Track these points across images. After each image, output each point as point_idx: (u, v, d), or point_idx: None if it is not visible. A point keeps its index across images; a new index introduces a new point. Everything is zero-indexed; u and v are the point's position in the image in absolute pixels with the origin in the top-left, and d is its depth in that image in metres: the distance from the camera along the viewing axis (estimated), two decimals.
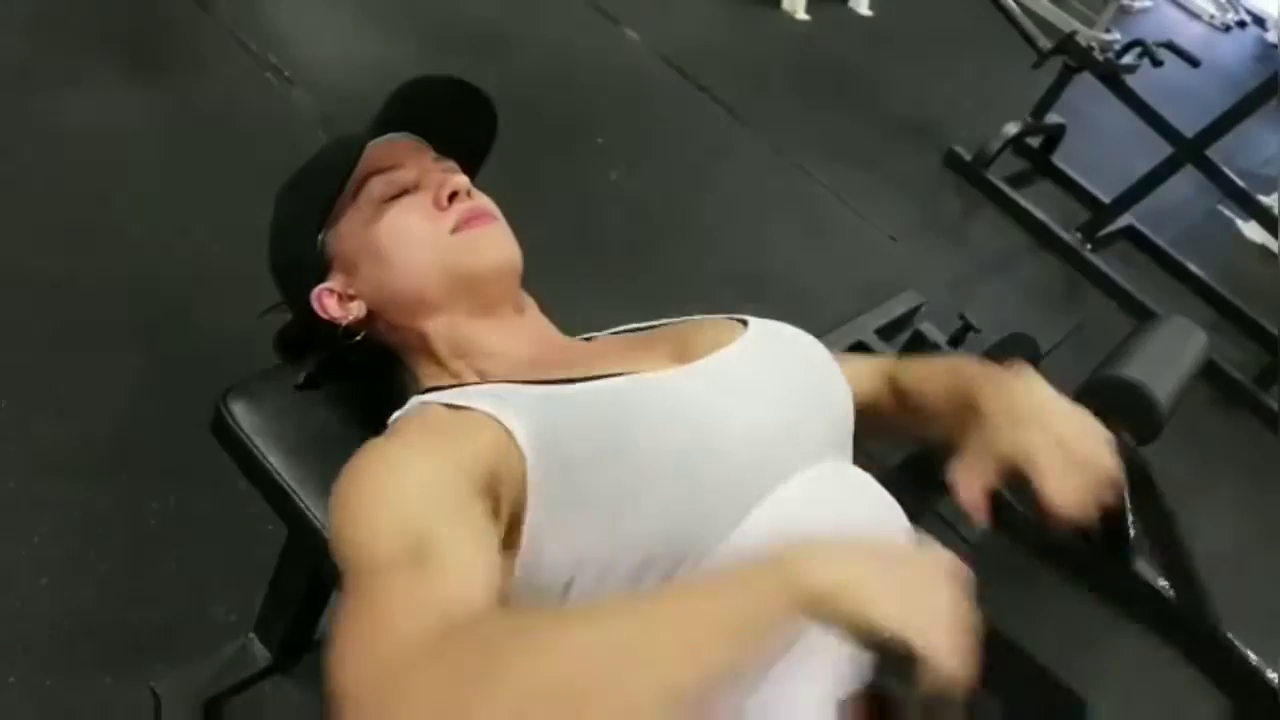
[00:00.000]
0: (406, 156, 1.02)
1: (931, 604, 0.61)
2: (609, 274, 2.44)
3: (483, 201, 1.02)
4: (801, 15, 4.35)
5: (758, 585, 0.61)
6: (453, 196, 0.98)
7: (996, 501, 0.84)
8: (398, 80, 1.01)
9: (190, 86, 2.50)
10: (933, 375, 1.03)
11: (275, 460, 1.00)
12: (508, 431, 0.81)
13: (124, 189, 2.09)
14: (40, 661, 1.36)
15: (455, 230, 0.97)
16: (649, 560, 0.79)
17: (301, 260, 1.01)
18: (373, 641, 0.63)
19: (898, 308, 2.64)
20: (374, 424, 1.05)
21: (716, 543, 0.80)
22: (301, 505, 0.99)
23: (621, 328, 1.10)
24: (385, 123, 1.02)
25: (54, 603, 1.42)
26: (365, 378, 1.09)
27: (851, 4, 4.72)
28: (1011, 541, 0.87)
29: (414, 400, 0.93)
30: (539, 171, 2.51)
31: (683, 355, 0.94)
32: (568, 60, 3.32)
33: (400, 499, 0.75)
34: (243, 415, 1.03)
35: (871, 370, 1.10)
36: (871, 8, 4.73)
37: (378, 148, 1.00)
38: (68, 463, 1.58)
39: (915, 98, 4.17)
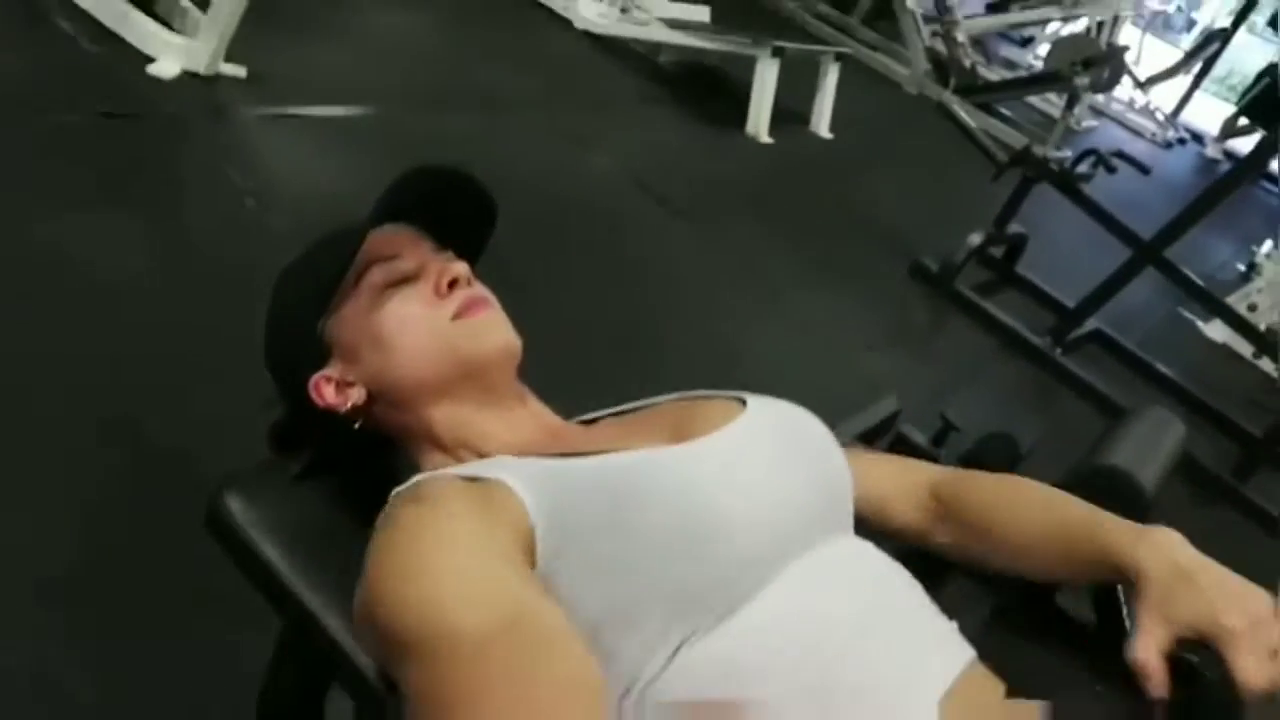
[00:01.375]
0: (406, 246, 1.02)
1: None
2: (588, 391, 2.43)
3: (482, 290, 1.03)
4: (765, 138, 4.49)
5: None
6: (453, 284, 0.99)
7: (1175, 669, 0.82)
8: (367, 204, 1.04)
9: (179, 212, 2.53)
10: (1021, 503, 1.01)
11: (273, 553, 0.97)
12: (517, 497, 0.81)
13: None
14: None
15: (456, 317, 0.98)
16: (662, 630, 0.78)
17: (300, 347, 1.00)
18: None
19: (878, 413, 2.64)
20: (372, 513, 1.03)
21: (733, 611, 0.80)
22: (301, 598, 0.95)
23: (620, 407, 1.10)
24: (384, 212, 1.03)
25: None
26: (362, 468, 1.07)
27: (812, 127, 4.87)
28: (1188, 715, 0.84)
29: (418, 477, 0.91)
30: (520, 277, 2.52)
31: (683, 434, 0.94)
32: (543, 187, 3.38)
33: (471, 567, 0.75)
34: (239, 509, 1.00)
35: (913, 477, 1.09)
36: (831, 130, 4.89)
37: (378, 237, 1.00)
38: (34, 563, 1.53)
39: (878, 214, 4.28)
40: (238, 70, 3.13)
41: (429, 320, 0.97)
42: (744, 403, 1.00)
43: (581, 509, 0.81)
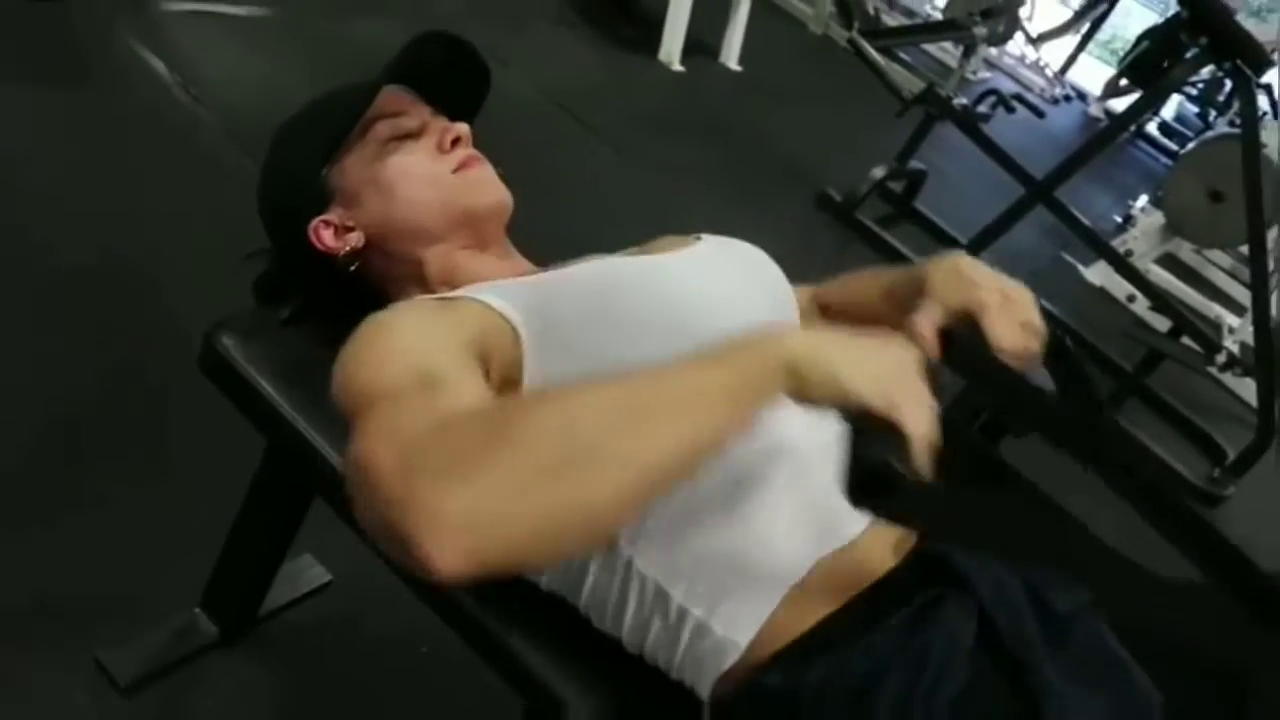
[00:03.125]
0: (409, 106, 1.10)
1: (895, 371, 0.73)
2: None
3: (477, 151, 1.10)
4: (677, 66, 4.53)
5: (745, 357, 0.71)
6: (455, 142, 1.07)
7: (946, 339, 0.93)
8: (289, 101, 1.12)
9: (107, 100, 2.48)
10: (861, 285, 1.15)
11: (268, 385, 1.02)
12: (497, 311, 0.90)
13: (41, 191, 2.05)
14: None
15: (457, 170, 1.06)
16: None
17: (301, 193, 1.06)
18: (390, 439, 0.66)
19: None
20: None
21: None
22: (295, 423, 1.00)
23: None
24: (393, 73, 1.10)
25: None
26: (346, 317, 1.12)
27: (722, 59, 4.93)
28: (962, 375, 0.96)
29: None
30: None
31: (648, 254, 1.07)
32: None
33: (403, 346, 0.82)
34: (233, 346, 1.04)
35: (802, 298, 1.20)
36: (741, 63, 4.96)
37: (387, 94, 1.08)
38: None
39: (786, 145, 4.38)
40: None
41: (432, 172, 1.05)
42: (700, 238, 1.11)
43: (566, 305, 0.90)
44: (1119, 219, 5.73)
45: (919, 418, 0.72)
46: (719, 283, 1.00)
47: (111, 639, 1.33)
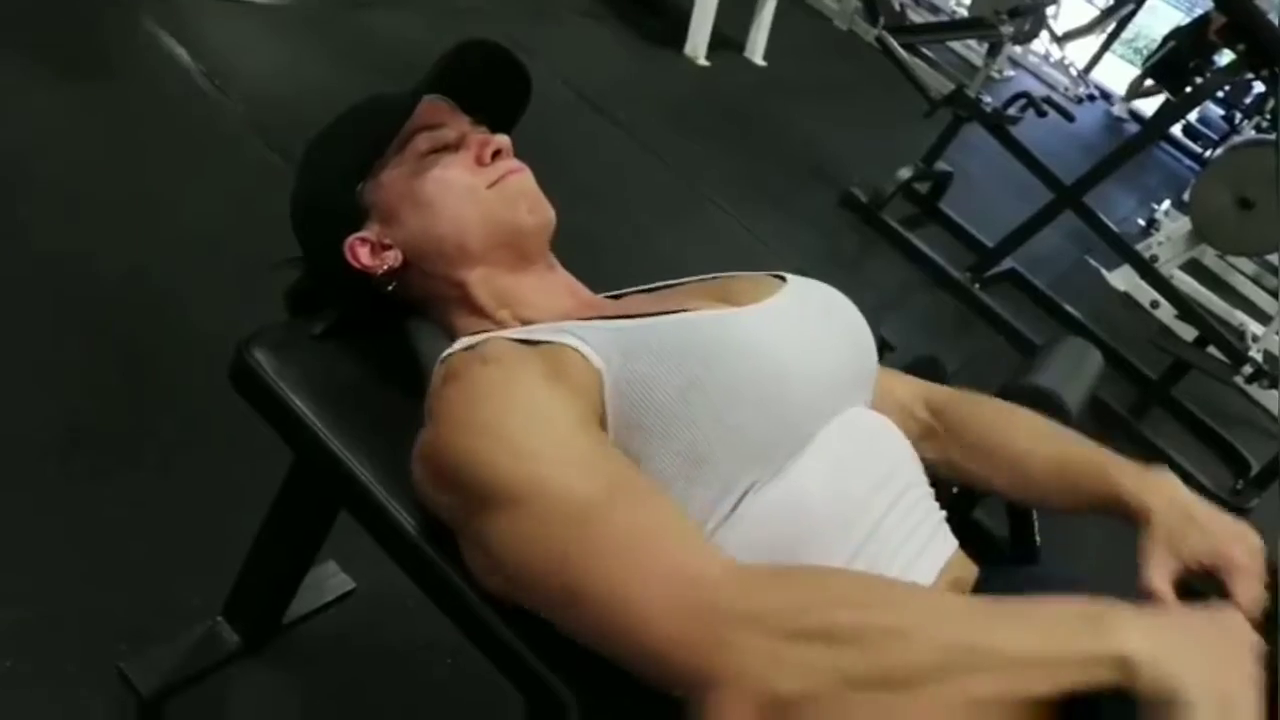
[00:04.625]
0: (448, 117, 1.05)
1: (1238, 683, 0.66)
2: None
3: (519, 163, 1.06)
4: (703, 61, 4.50)
5: (1078, 634, 0.66)
6: (495, 155, 1.02)
7: (1183, 595, 0.89)
8: (312, 91, 1.05)
9: (129, 89, 2.46)
10: (1009, 425, 1.08)
11: (300, 401, 0.99)
12: (584, 358, 0.86)
13: (56, 187, 2.03)
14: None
15: (496, 184, 1.01)
16: (729, 482, 0.84)
17: (336, 208, 1.02)
18: (658, 570, 0.70)
19: None
20: (397, 374, 1.06)
21: (795, 455, 0.87)
22: (326, 442, 0.97)
23: (646, 285, 1.14)
24: (432, 83, 1.05)
25: (13, 585, 1.35)
26: (381, 333, 1.10)
27: (748, 54, 4.89)
28: None
29: (465, 340, 0.95)
30: None
31: (731, 302, 0.99)
32: None
33: (558, 430, 0.80)
34: (266, 360, 1.02)
35: (905, 390, 1.15)
36: (766, 58, 4.92)
37: (427, 105, 1.03)
38: (23, 441, 1.51)
39: (811, 142, 4.34)
40: None
41: (472, 187, 1.01)
42: (783, 279, 1.06)
43: (654, 366, 0.85)
44: (1142, 222, 5.69)
45: None
46: (808, 343, 0.94)
47: (133, 649, 1.31)
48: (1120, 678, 0.64)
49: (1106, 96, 9.26)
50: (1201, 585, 0.92)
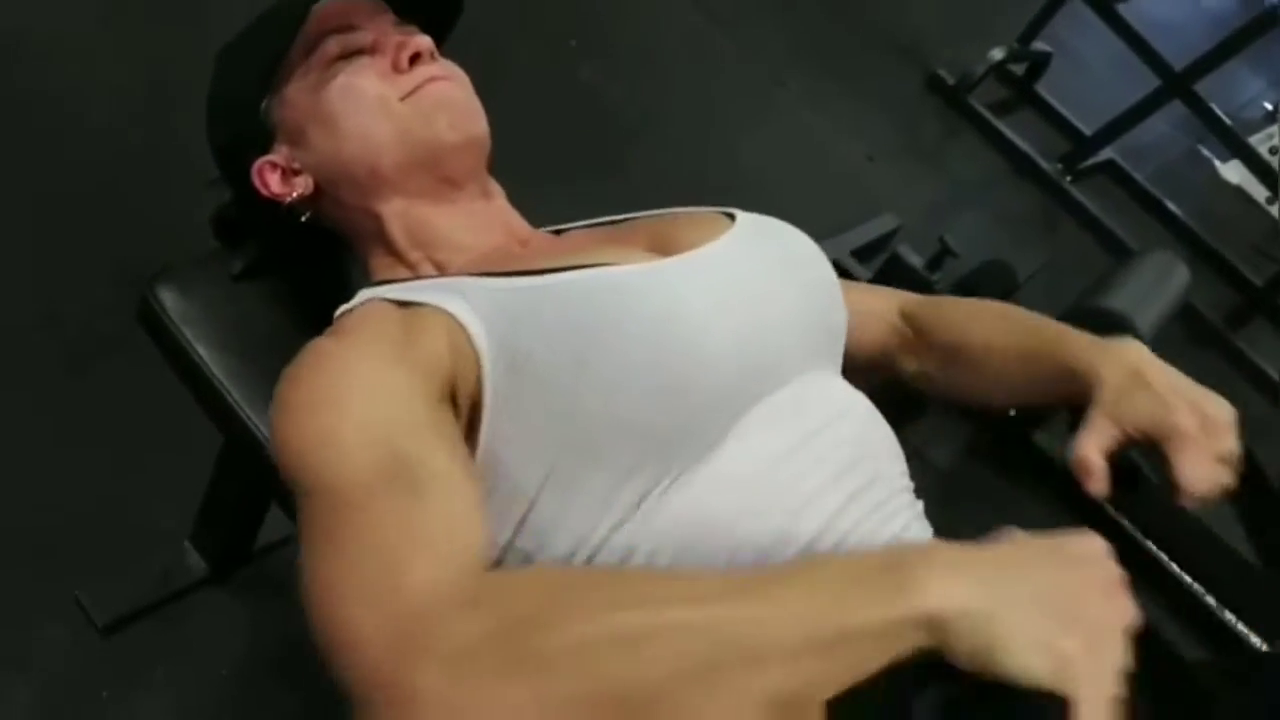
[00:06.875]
0: (364, 17, 0.90)
1: (1086, 631, 0.52)
2: (572, 175, 2.31)
3: (448, 67, 0.91)
4: None
5: (873, 603, 0.52)
6: (414, 59, 0.87)
7: (1119, 473, 0.77)
8: None
9: None
10: (980, 322, 0.96)
11: (206, 354, 0.91)
12: (463, 327, 0.72)
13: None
14: None
15: (411, 94, 0.87)
16: (626, 474, 0.71)
17: (242, 129, 0.90)
18: (380, 584, 0.56)
19: (875, 230, 2.56)
20: (318, 320, 0.96)
21: (704, 454, 0.72)
22: (234, 404, 0.89)
23: (594, 220, 1.00)
24: None
25: None
26: (310, 268, 1.00)
27: None
28: (1127, 516, 0.80)
29: (362, 294, 0.83)
30: (506, 64, 2.37)
31: (663, 249, 0.84)
32: None
33: (364, 411, 0.67)
34: (172, 304, 0.93)
35: (881, 302, 1.02)
36: None
37: (332, 5, 0.88)
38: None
39: (900, 22, 4.02)
40: None
41: (385, 98, 0.86)
42: (732, 217, 0.90)
43: (538, 340, 0.71)
44: (1269, 106, 5.24)
45: (1100, 707, 0.51)
46: (742, 309, 0.78)
47: (96, 574, 1.27)
48: (930, 640, 0.51)
49: None
50: (1145, 458, 0.80)
